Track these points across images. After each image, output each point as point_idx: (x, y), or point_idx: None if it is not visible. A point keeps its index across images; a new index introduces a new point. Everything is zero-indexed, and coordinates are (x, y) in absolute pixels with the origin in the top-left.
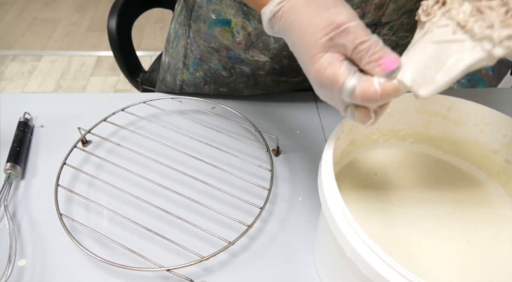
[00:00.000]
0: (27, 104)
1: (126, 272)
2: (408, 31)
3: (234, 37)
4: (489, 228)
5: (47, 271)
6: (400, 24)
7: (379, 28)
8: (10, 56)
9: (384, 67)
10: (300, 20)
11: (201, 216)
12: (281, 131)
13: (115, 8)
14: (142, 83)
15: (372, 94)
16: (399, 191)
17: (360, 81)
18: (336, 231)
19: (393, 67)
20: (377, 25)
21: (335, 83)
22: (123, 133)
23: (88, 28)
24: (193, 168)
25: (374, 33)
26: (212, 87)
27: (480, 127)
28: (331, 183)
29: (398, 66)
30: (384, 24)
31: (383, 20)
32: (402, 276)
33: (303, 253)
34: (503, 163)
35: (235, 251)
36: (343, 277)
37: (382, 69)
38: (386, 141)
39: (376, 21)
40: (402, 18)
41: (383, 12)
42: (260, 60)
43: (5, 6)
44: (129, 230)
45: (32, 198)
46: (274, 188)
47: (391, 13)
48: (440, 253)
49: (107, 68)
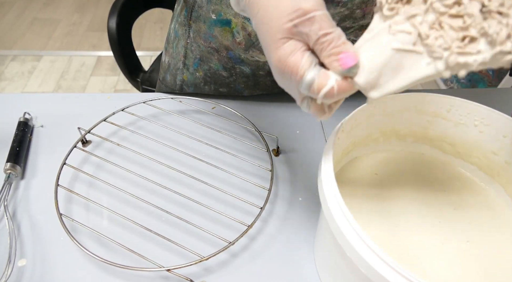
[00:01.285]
0: (27, 104)
1: (126, 272)
2: None
3: (234, 37)
4: (489, 228)
5: (47, 271)
6: None
7: None
8: (10, 56)
9: (343, 62)
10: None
11: (201, 216)
12: (281, 131)
13: (115, 8)
14: (142, 83)
15: (329, 90)
16: (399, 191)
17: (318, 76)
18: (336, 231)
19: (351, 64)
20: None
21: (295, 74)
22: (123, 133)
23: (88, 28)
24: (193, 168)
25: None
26: (212, 87)
27: (480, 128)
28: (331, 183)
29: (356, 64)
30: None
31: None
32: (402, 276)
33: (303, 253)
34: (503, 163)
35: (235, 251)
36: (343, 277)
37: (340, 64)
38: (386, 141)
39: None
40: None
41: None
42: (260, 60)
43: (5, 6)
44: (129, 230)
45: (32, 198)
46: (274, 188)
47: None
48: (440, 253)
49: (107, 68)
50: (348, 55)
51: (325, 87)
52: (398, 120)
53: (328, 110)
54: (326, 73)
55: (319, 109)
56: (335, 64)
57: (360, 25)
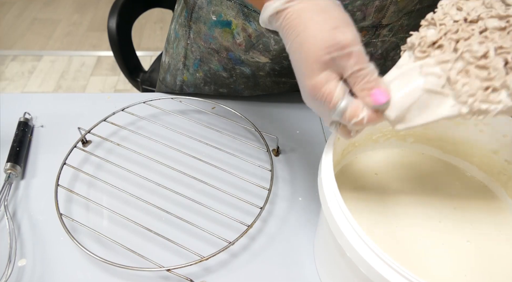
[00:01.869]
0: (27, 104)
1: (126, 272)
2: (408, 32)
3: (234, 38)
4: (489, 228)
5: (47, 271)
6: (400, 25)
7: (379, 29)
8: (10, 56)
9: (375, 98)
10: (306, 27)
11: (201, 216)
12: (281, 131)
13: (115, 8)
14: (142, 83)
15: (359, 120)
16: (399, 191)
17: (351, 106)
18: (336, 231)
19: (383, 102)
20: (378, 26)
21: (329, 102)
22: (123, 133)
23: (88, 28)
24: (193, 168)
25: (375, 34)
26: (212, 88)
27: (479, 127)
28: (331, 183)
29: (387, 102)
30: (384, 26)
31: (384, 22)
32: (402, 276)
33: (303, 253)
34: (503, 163)
35: (235, 251)
36: (343, 277)
37: (372, 100)
38: (386, 141)
39: (377, 23)
40: (402, 19)
41: (383, 14)
42: (260, 62)
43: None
44: (129, 230)
45: (32, 198)
46: (274, 188)
47: (391, 15)
48: (440, 253)
49: (107, 68)
50: (380, 92)
51: (356, 117)
52: None
53: (354, 133)
54: (358, 103)
55: (347, 132)
56: (368, 99)
57: (360, 27)
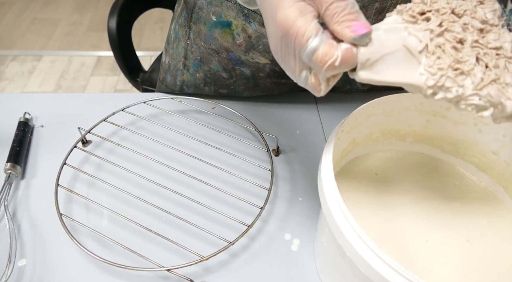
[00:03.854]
0: (27, 104)
1: (126, 272)
2: None
3: (234, 39)
4: (489, 228)
5: (47, 271)
6: None
7: None
8: (10, 56)
9: (355, 29)
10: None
11: (201, 216)
12: (281, 131)
13: (115, 8)
14: (142, 83)
15: (333, 59)
16: (399, 191)
17: (324, 43)
18: (336, 231)
19: (364, 32)
20: None
21: (301, 36)
22: (123, 133)
23: (88, 28)
24: (193, 168)
25: None
26: (212, 88)
27: (479, 127)
28: (331, 183)
29: (368, 33)
30: None
31: None
32: (402, 276)
33: (303, 253)
34: (503, 163)
35: (235, 251)
36: (343, 277)
37: (352, 30)
38: (386, 141)
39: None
40: None
41: (383, 16)
42: (260, 62)
43: (5, 6)
44: (129, 230)
45: (32, 198)
46: (274, 188)
47: None
48: (441, 253)
49: (107, 68)
50: (361, 23)
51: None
52: (398, 120)
53: (325, 85)
54: (332, 43)
55: (316, 83)
56: (346, 31)
57: None
